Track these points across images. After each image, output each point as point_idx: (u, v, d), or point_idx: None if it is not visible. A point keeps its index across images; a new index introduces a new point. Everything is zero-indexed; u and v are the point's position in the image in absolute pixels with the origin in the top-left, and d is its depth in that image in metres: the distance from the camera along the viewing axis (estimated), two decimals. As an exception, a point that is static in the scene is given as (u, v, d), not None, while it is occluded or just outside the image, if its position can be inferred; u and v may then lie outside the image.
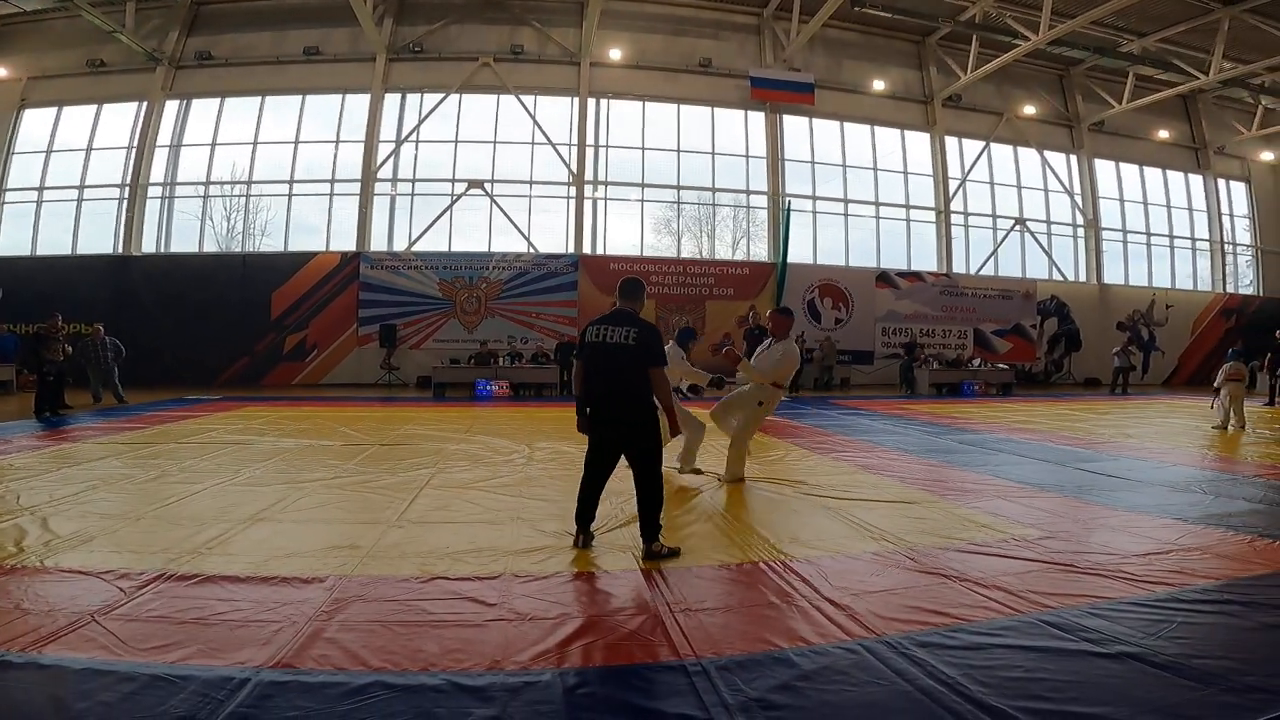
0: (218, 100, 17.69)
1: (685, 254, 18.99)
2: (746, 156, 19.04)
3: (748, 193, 19.21)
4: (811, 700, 2.23)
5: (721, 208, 19.56)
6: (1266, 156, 22.78)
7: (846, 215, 19.57)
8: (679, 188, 18.87)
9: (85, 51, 16.91)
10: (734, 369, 5.67)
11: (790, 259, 18.14)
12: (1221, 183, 22.68)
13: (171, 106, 17.59)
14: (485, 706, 2.13)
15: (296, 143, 17.71)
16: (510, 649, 2.55)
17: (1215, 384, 10.02)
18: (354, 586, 3.17)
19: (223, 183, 17.70)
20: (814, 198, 19.29)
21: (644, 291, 4.06)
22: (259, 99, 17.73)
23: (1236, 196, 23.12)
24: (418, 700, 2.16)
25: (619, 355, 3.68)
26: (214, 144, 17.65)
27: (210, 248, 17.63)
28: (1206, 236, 22.67)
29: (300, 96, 17.80)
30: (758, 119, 19.02)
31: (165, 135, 17.51)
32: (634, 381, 3.67)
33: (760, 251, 19.22)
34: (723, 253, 19.47)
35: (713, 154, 18.86)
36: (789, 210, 18.12)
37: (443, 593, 3.13)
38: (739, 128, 19.04)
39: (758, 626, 2.79)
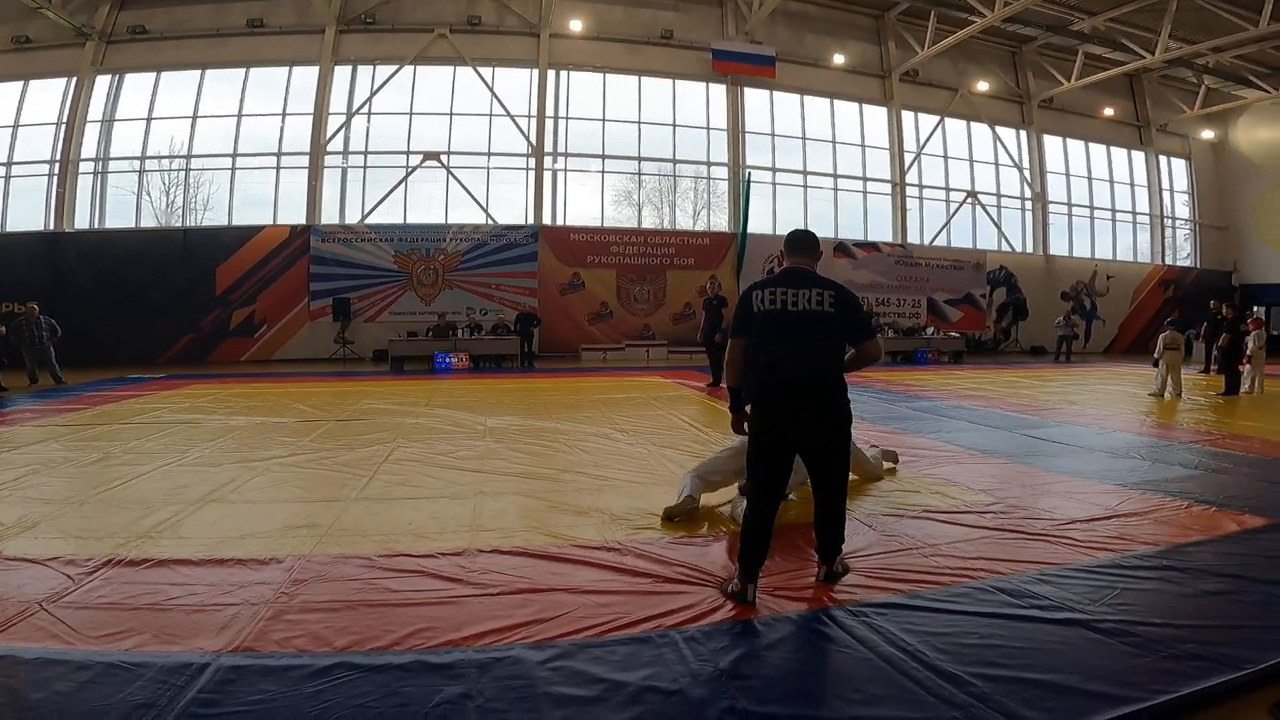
0: (153, 75, 16.75)
1: (646, 225, 18.89)
2: (707, 129, 18.93)
3: (708, 164, 19.15)
4: (778, 669, 2.28)
5: (683, 179, 19.48)
6: (1207, 135, 23.60)
7: (805, 187, 19.69)
8: (640, 159, 18.69)
9: (10, 29, 15.76)
10: None
11: (750, 229, 18.24)
12: (1163, 159, 23.46)
13: (103, 81, 16.61)
14: (454, 684, 2.13)
15: (240, 116, 16.92)
16: (478, 625, 2.54)
17: (1155, 354, 10.47)
18: (314, 566, 3.12)
19: (160, 157, 16.88)
20: (774, 169, 19.35)
21: (819, 245, 3.16)
22: (199, 73, 16.84)
23: (1177, 173, 23.97)
24: (385, 680, 2.15)
25: (812, 326, 2.83)
26: (150, 118, 16.76)
27: (149, 223, 16.83)
28: (1147, 211, 23.50)
29: (243, 70, 16.96)
30: (719, 91, 18.90)
31: (97, 110, 16.56)
32: (832, 360, 2.87)
33: (721, 222, 19.25)
34: (684, 223, 19.44)
35: (674, 126, 18.70)
36: (749, 182, 18.15)
37: (406, 570, 3.09)
38: (700, 100, 18.89)
39: (722, 597, 2.82)
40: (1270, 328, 13.64)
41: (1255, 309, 13.22)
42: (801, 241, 3.09)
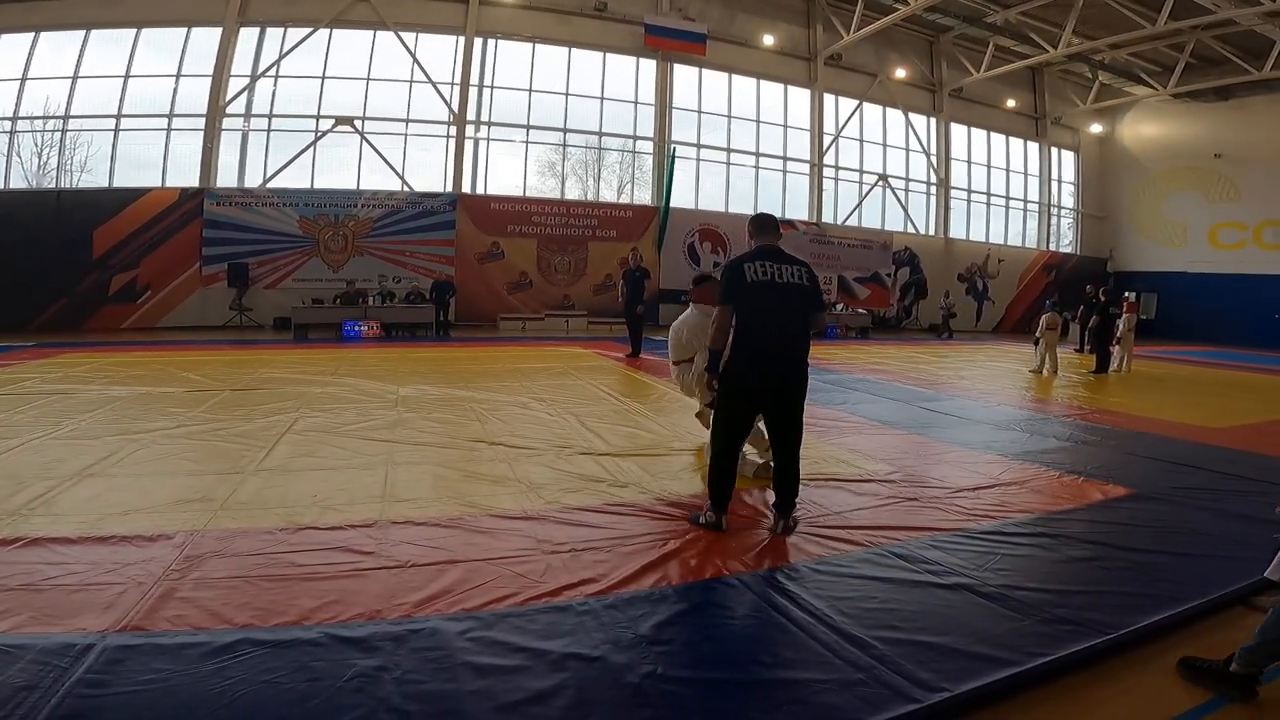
0: (30, 35, 14.91)
1: (570, 196, 18.62)
2: (635, 103, 18.74)
3: (634, 138, 19.01)
4: (696, 634, 2.35)
5: (609, 152, 19.27)
6: (1096, 129, 25.34)
7: (729, 164, 19.90)
8: (565, 131, 18.32)
9: None
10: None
11: (673, 204, 18.30)
12: (1054, 151, 25.09)
13: None
14: (369, 657, 2.08)
15: (127, 76, 15.27)
16: (392, 597, 2.49)
17: (1035, 333, 11.33)
18: (209, 542, 2.96)
19: (33, 117, 15.12)
20: (699, 145, 19.42)
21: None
22: (83, 33, 15.10)
23: (1065, 164, 25.73)
24: (293, 655, 2.07)
25: (794, 297, 3.22)
26: (24, 78, 14.92)
27: (19, 185, 15.11)
28: (1036, 199, 25.18)
29: (134, 30, 15.33)
30: (649, 66, 18.70)
31: None
32: (806, 328, 3.30)
33: (644, 196, 19.20)
34: (607, 196, 19.27)
35: (602, 99, 18.40)
36: (674, 157, 18.16)
37: (313, 543, 2.98)
38: (630, 74, 18.65)
39: (641, 564, 2.88)
40: (1140, 312, 15.00)
41: (1128, 294, 14.50)
42: (772, 223, 3.46)
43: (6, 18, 14.74)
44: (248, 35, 15.91)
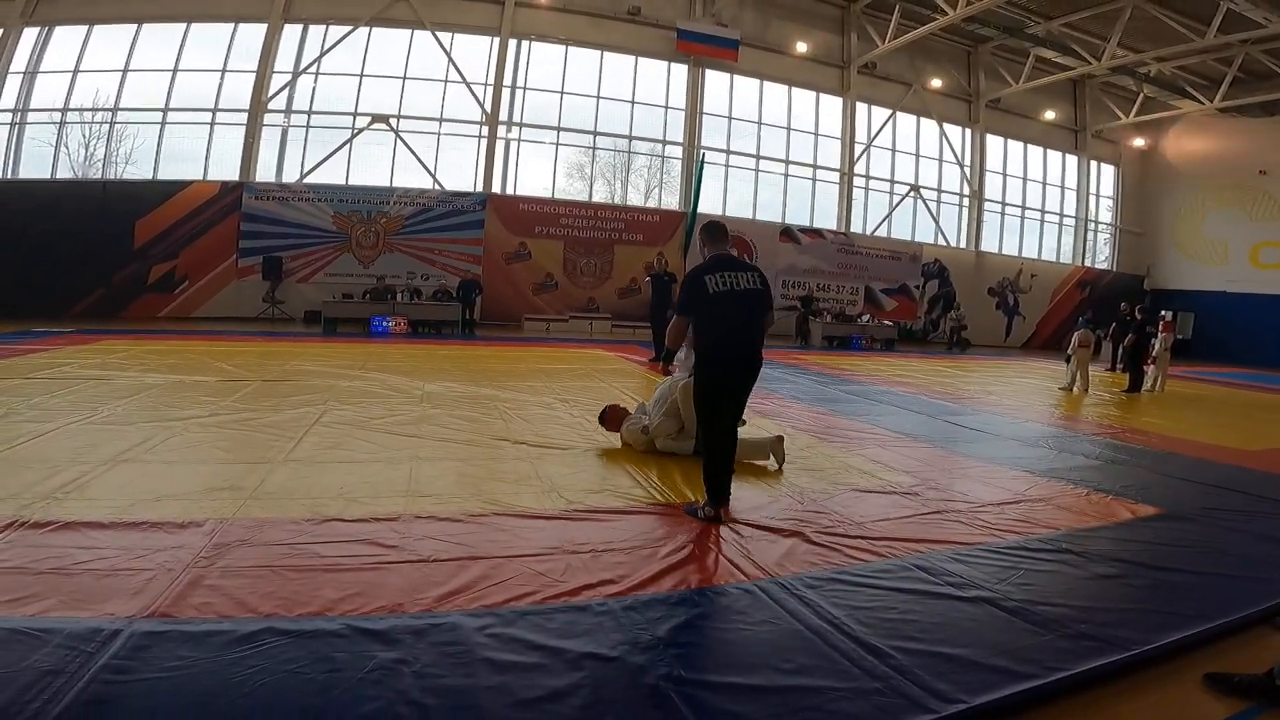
0: (85, 27, 15.45)
1: (597, 199, 18.71)
2: (666, 107, 18.79)
3: (664, 142, 19.05)
4: (713, 639, 2.35)
5: (637, 155, 19.35)
6: (1138, 143, 24.67)
7: (757, 171, 19.82)
8: (595, 134, 18.44)
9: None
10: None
11: (700, 209, 18.25)
12: (1093, 164, 24.54)
13: (30, 34, 15.22)
14: (389, 649, 2.10)
15: (175, 71, 15.78)
16: (413, 591, 2.51)
17: (1067, 350, 11.11)
18: (237, 530, 3.01)
19: (84, 109, 15.64)
20: (728, 151, 19.39)
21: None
22: (134, 26, 15.62)
23: (1104, 178, 25.16)
24: (315, 646, 2.10)
25: (755, 301, 3.57)
26: (76, 71, 15.47)
27: (66, 175, 15.61)
28: (1073, 214, 24.67)
29: (183, 25, 15.83)
30: (680, 71, 18.75)
31: (20, 62, 15.20)
32: (762, 329, 3.64)
33: (672, 200, 19.22)
34: (635, 200, 19.33)
35: (632, 102, 18.48)
36: (703, 162, 18.15)
37: (337, 535, 3.02)
38: (661, 78, 18.72)
39: (660, 567, 2.88)
40: (1176, 332, 14.65)
41: (1165, 313, 14.15)
42: (724, 231, 3.81)
43: (66, 10, 15.27)
44: (291, 33, 16.31)
